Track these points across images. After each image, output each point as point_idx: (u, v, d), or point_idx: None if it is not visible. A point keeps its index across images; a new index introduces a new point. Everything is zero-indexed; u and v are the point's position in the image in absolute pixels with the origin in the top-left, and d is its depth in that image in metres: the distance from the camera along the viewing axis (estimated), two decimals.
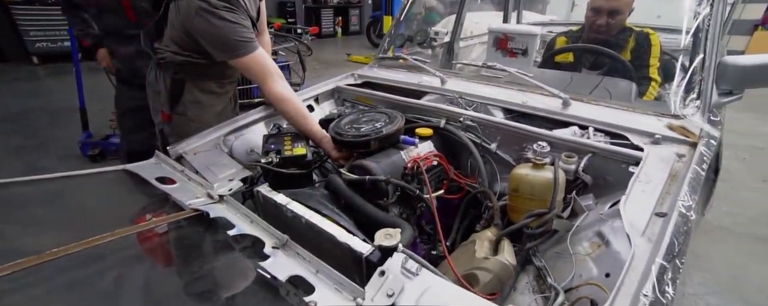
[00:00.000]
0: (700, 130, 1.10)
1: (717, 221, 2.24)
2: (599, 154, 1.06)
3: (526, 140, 1.18)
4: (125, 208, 1.09)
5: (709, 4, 1.19)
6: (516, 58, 2.50)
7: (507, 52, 2.58)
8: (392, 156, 1.16)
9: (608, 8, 1.56)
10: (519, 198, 1.02)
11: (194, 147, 1.23)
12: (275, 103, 1.28)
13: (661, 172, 0.95)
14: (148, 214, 1.08)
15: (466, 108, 1.39)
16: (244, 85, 2.94)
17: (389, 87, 1.67)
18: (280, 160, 1.16)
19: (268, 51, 1.58)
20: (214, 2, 1.14)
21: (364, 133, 1.19)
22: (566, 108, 1.24)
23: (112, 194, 1.12)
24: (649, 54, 1.64)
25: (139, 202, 1.06)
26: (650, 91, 1.59)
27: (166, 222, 0.87)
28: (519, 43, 2.45)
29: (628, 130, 1.12)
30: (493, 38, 2.61)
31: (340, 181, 1.06)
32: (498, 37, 2.58)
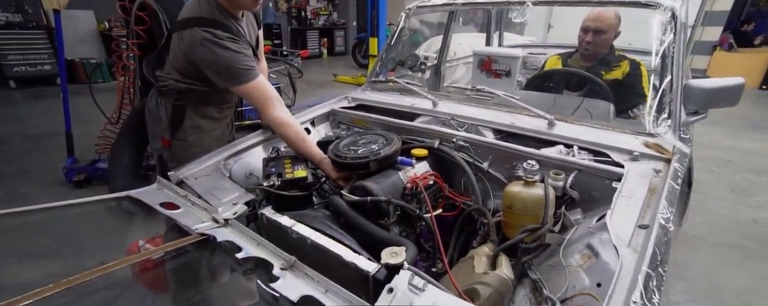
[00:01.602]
0: (673, 147, 1.19)
1: (693, 231, 2.36)
2: (584, 171, 1.14)
3: (515, 159, 1.26)
4: (132, 235, 1.09)
5: (672, 32, 1.32)
6: (500, 79, 2.63)
7: (491, 73, 2.72)
8: (391, 177, 1.21)
9: (594, 28, 1.76)
10: (513, 214, 1.08)
11: (195, 172, 1.25)
12: (275, 127, 1.32)
13: (641, 187, 1.03)
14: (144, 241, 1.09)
15: (458, 129, 1.47)
16: (237, 108, 2.96)
17: (383, 109, 1.74)
18: (282, 182, 1.20)
19: (266, 77, 1.63)
20: (219, 33, 1.19)
21: (363, 155, 1.24)
22: (552, 128, 1.33)
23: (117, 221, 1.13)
24: (641, 81, 1.79)
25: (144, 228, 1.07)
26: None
27: (174, 247, 0.88)
28: (502, 65, 2.59)
29: (609, 148, 1.21)
30: (477, 60, 2.75)
31: (342, 202, 1.10)
32: (482, 59, 2.72)
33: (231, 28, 1.25)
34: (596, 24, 1.74)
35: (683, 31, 1.35)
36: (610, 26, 1.74)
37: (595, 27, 1.75)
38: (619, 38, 1.82)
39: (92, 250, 1.22)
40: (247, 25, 1.41)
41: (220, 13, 1.25)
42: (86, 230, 1.21)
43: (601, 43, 1.79)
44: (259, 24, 1.51)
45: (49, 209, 1.00)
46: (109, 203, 1.10)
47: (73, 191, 2.62)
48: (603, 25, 1.74)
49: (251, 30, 1.43)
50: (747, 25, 7.24)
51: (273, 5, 9.66)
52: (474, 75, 2.82)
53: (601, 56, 1.84)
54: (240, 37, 1.26)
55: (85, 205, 1.02)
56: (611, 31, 1.76)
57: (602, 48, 1.82)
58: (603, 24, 1.74)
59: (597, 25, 1.74)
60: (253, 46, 1.41)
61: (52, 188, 2.70)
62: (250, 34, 1.42)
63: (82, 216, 1.14)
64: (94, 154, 2.86)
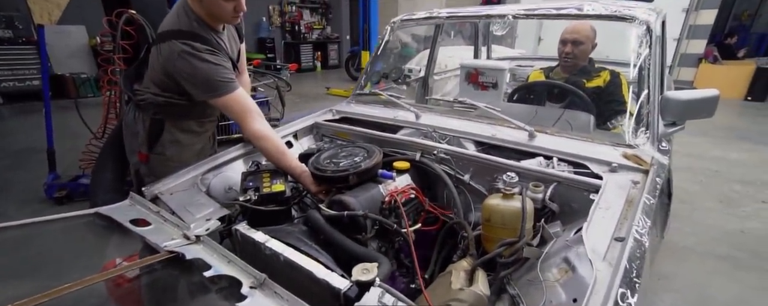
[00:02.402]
0: (651, 158, 1.20)
1: (682, 242, 2.35)
2: (563, 183, 1.13)
3: (496, 171, 1.25)
4: (97, 253, 1.06)
5: (648, 46, 1.34)
6: (487, 91, 2.66)
7: (478, 85, 2.74)
8: (371, 190, 1.20)
9: (572, 39, 1.85)
10: (491, 228, 1.07)
11: (171, 187, 1.23)
12: (254, 140, 1.30)
13: (618, 198, 1.02)
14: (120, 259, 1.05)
15: (440, 141, 1.46)
16: (223, 122, 2.95)
17: (366, 122, 1.73)
18: (259, 197, 1.17)
19: (247, 90, 1.63)
20: (197, 45, 1.19)
21: (343, 168, 1.23)
22: (532, 140, 1.33)
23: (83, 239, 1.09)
24: (621, 89, 1.82)
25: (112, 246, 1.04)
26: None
27: (140, 266, 0.86)
28: (489, 77, 2.61)
29: (588, 159, 1.21)
30: (464, 73, 2.77)
31: (318, 217, 1.08)
32: (469, 71, 2.75)
33: (210, 40, 1.25)
34: (574, 35, 1.82)
35: (658, 43, 1.37)
36: (587, 37, 1.81)
37: (573, 38, 1.82)
38: (598, 51, 1.85)
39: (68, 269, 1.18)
40: (229, 38, 1.41)
41: (200, 26, 1.25)
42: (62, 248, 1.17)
43: (579, 54, 1.85)
44: (241, 38, 1.52)
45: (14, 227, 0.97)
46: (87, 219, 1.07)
47: (52, 208, 2.56)
48: (580, 37, 1.81)
49: (233, 43, 1.43)
50: (730, 38, 7.43)
51: (267, 19, 9.77)
52: (461, 87, 2.84)
53: (580, 67, 1.87)
54: (219, 49, 1.26)
55: (50, 222, 0.99)
56: (588, 42, 1.83)
57: (581, 59, 1.87)
58: (580, 35, 1.81)
59: (574, 36, 1.82)
60: (234, 59, 1.41)
61: (32, 205, 2.64)
62: (232, 48, 1.42)
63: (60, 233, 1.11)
64: (78, 170, 2.81)
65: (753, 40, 8.75)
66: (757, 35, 8.96)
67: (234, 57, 1.40)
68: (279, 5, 10.05)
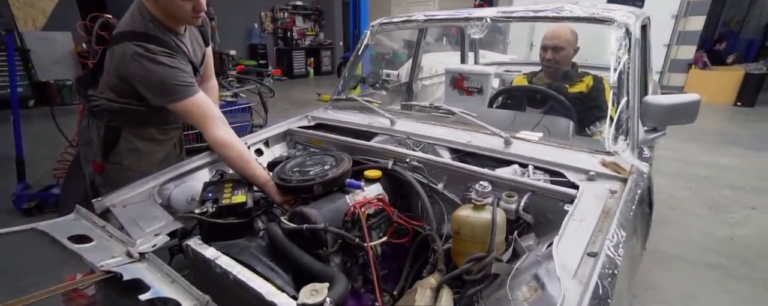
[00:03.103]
0: (630, 165, 1.14)
1: (671, 250, 2.30)
2: (538, 193, 1.07)
3: (470, 180, 1.19)
4: (28, 274, 0.98)
5: (627, 50, 1.29)
6: (472, 97, 2.61)
7: (463, 91, 2.70)
8: (337, 201, 1.13)
9: (552, 45, 1.80)
10: (461, 241, 1.01)
11: (125, 198, 1.15)
12: (216, 148, 1.24)
13: (594, 209, 0.96)
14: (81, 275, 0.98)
15: (414, 148, 1.40)
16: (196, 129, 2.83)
17: (342, 128, 1.67)
18: (217, 209, 1.11)
19: (215, 96, 1.56)
20: (151, 47, 1.13)
21: (308, 178, 1.16)
22: (508, 147, 1.27)
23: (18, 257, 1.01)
24: (604, 94, 1.77)
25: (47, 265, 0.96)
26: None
27: (71, 288, 0.78)
28: (474, 82, 2.57)
29: (565, 167, 1.15)
30: (449, 78, 2.73)
31: (277, 231, 1.01)
32: (454, 76, 2.70)
33: (167, 42, 1.18)
34: (553, 41, 1.78)
35: (638, 46, 1.32)
36: (568, 42, 1.77)
37: (553, 44, 1.79)
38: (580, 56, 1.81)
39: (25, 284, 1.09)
40: (192, 41, 1.35)
41: (156, 27, 1.18)
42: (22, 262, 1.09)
43: (561, 59, 1.81)
44: (207, 41, 1.46)
45: None
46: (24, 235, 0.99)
47: (19, 219, 2.46)
48: (560, 42, 1.77)
49: (196, 46, 1.37)
50: (719, 44, 7.49)
51: (258, 26, 9.74)
52: (446, 93, 2.80)
53: (563, 72, 1.83)
54: (178, 52, 1.20)
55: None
56: (569, 47, 1.78)
57: (563, 64, 1.83)
58: (560, 40, 1.77)
59: (554, 42, 1.78)
60: (197, 63, 1.34)
61: None
62: (195, 51, 1.35)
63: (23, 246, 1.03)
64: (52, 179, 2.72)
65: (742, 46, 8.84)
66: (745, 41, 9.05)
67: (197, 60, 1.34)
68: (271, 11, 10.03)
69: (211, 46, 1.48)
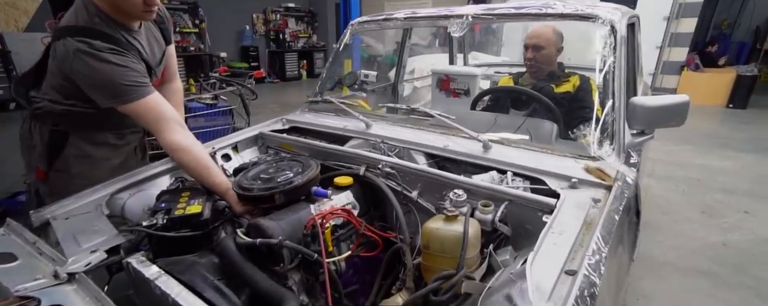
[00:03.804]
0: (616, 171, 1.07)
1: (663, 256, 2.23)
2: (515, 202, 0.99)
3: (445, 187, 1.11)
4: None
5: (612, 48, 1.22)
6: (459, 98, 2.53)
7: (450, 92, 2.62)
8: (299, 211, 1.04)
9: (532, 44, 1.76)
10: (430, 256, 0.92)
11: (69, 210, 1.06)
12: (171, 153, 1.15)
13: (575, 220, 0.88)
14: None
15: (389, 153, 1.32)
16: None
17: (316, 132, 1.59)
18: (168, 221, 1.01)
19: (179, 98, 1.46)
20: (96, 43, 1.03)
21: (270, 186, 1.08)
22: (487, 151, 1.19)
23: None
24: (592, 95, 1.70)
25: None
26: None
27: None
28: (461, 84, 2.49)
29: (545, 173, 1.07)
30: (436, 79, 2.65)
31: (229, 246, 0.92)
32: (441, 78, 2.63)
33: (116, 39, 1.09)
34: (533, 41, 1.74)
35: (624, 44, 1.25)
36: (549, 41, 1.71)
37: (533, 43, 1.74)
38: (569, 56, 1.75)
39: None
40: (149, 39, 1.26)
41: (103, 22, 1.09)
42: None
43: (543, 59, 1.75)
44: (168, 39, 1.36)
45: None
46: None
47: None
48: (541, 41, 1.72)
49: (155, 45, 1.28)
50: (711, 46, 7.49)
51: (250, 27, 9.63)
52: (433, 95, 2.72)
53: (547, 72, 1.77)
54: (128, 49, 1.10)
55: None
56: (551, 46, 1.72)
57: (546, 64, 1.77)
58: (540, 40, 1.72)
59: (535, 41, 1.73)
60: (154, 62, 1.25)
61: None
62: (152, 50, 1.26)
63: None
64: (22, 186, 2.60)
65: (733, 48, 8.87)
66: (737, 44, 9.08)
67: (154, 60, 1.25)
68: (263, 13, 9.93)
69: (173, 45, 1.39)
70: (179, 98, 1.44)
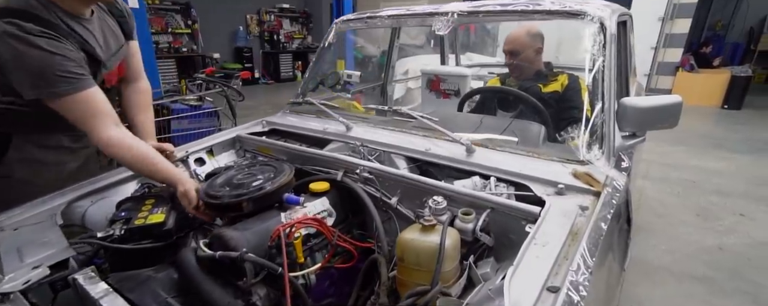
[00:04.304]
0: (605, 177, 1.01)
1: (658, 261, 2.17)
2: (498, 210, 0.93)
3: (426, 194, 1.04)
4: None
5: (602, 46, 1.16)
6: (449, 99, 2.47)
7: (440, 93, 2.56)
8: (268, 220, 0.98)
9: (508, 50, 1.73)
10: (405, 269, 0.86)
11: (19, 220, 0.98)
12: (106, 149, 1.04)
13: (560, 230, 0.82)
14: None
15: (369, 157, 1.26)
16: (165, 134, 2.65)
17: (296, 135, 1.52)
18: (127, 231, 0.94)
19: (147, 98, 1.37)
20: (27, 26, 0.91)
21: (238, 193, 1.01)
22: (470, 155, 1.13)
23: None
24: (581, 94, 1.66)
25: None
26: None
27: None
28: (451, 85, 2.44)
29: (531, 179, 1.01)
30: (426, 80, 2.59)
31: (189, 259, 0.85)
32: (430, 78, 2.57)
33: (54, 24, 0.97)
34: (509, 47, 1.72)
35: (614, 42, 1.19)
36: (524, 45, 1.69)
37: (509, 49, 1.73)
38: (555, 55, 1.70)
39: None
40: (104, 30, 1.15)
41: (41, 5, 0.97)
42: None
43: (521, 63, 1.73)
44: (128, 34, 1.26)
45: None
46: None
47: None
48: (515, 46, 1.70)
49: (110, 38, 1.17)
50: (705, 47, 7.50)
51: (244, 28, 9.55)
52: (423, 95, 2.66)
53: (534, 72, 1.73)
54: (66, 36, 0.98)
55: None
56: (527, 49, 1.70)
57: (527, 68, 1.74)
58: (515, 45, 1.70)
59: (509, 47, 1.72)
60: (104, 56, 1.13)
61: None
62: (107, 43, 1.16)
63: None
64: None
65: (727, 49, 8.88)
66: (731, 45, 9.10)
67: (106, 54, 1.14)
68: (257, 14, 9.86)
69: (136, 42, 1.31)
70: (146, 100, 1.35)
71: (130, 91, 1.32)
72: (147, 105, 1.34)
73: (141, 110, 1.32)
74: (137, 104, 1.32)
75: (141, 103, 1.32)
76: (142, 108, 1.32)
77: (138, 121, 1.31)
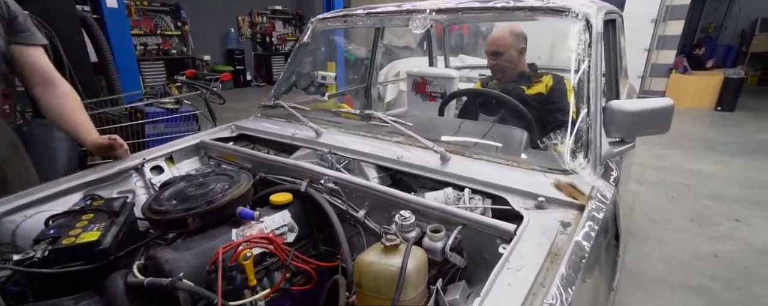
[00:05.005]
0: (591, 187, 0.91)
1: (652, 270, 2.09)
2: (470, 226, 0.83)
3: (395, 207, 0.94)
4: None
5: (587, 45, 1.07)
6: (435, 102, 2.37)
7: (426, 95, 2.47)
8: (215, 238, 0.87)
9: (490, 51, 1.65)
10: (363, 296, 0.76)
11: None
12: None
13: (538, 251, 0.72)
14: None
15: (337, 165, 1.16)
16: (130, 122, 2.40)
17: (265, 140, 1.42)
18: (52, 253, 0.83)
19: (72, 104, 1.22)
20: None
21: (186, 207, 0.91)
22: (445, 164, 1.03)
23: None
24: (567, 96, 1.57)
25: None
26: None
27: None
28: (437, 87, 2.34)
29: (509, 190, 0.91)
30: (411, 82, 2.49)
31: (116, 286, 0.75)
32: (416, 80, 2.47)
33: None
34: (491, 48, 1.65)
35: (601, 41, 1.10)
36: (506, 46, 1.61)
37: (491, 50, 1.65)
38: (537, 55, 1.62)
39: None
40: None
41: None
42: None
43: (504, 64, 1.65)
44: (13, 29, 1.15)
45: None
46: None
47: None
48: (498, 47, 1.62)
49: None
50: (698, 49, 7.49)
51: (236, 30, 9.44)
52: (409, 98, 2.57)
53: (517, 74, 1.64)
54: None
55: None
56: (509, 50, 1.62)
57: (510, 69, 1.66)
58: (497, 46, 1.63)
59: (492, 48, 1.64)
60: None
61: None
62: None
63: None
64: None
65: (720, 51, 8.89)
66: (723, 47, 9.11)
67: None
68: (249, 16, 9.75)
69: (38, 49, 1.20)
70: (71, 103, 1.22)
71: (50, 98, 1.20)
72: (73, 109, 1.22)
73: (72, 111, 1.22)
74: (62, 107, 1.22)
75: (66, 106, 1.21)
76: (72, 109, 1.21)
77: (72, 121, 1.21)
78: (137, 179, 1.23)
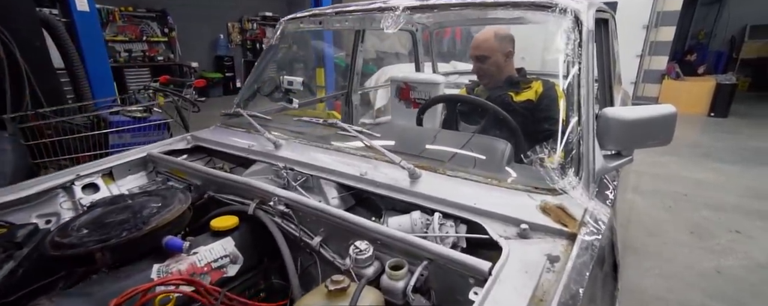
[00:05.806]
0: (583, 210, 0.77)
1: (652, 289, 1.94)
2: (437, 262, 0.68)
3: (353, 235, 0.79)
4: None
5: (577, 44, 0.94)
6: None
7: (410, 102, 2.33)
8: (128, 279, 0.72)
9: (476, 55, 1.52)
10: None
11: None
12: None
13: (518, 296, 0.58)
14: None
15: (294, 183, 1.01)
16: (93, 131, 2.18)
17: (220, 153, 1.27)
18: None
19: None
20: None
21: (97, 239, 0.75)
22: (414, 182, 0.89)
23: None
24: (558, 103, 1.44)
25: None
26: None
27: None
28: (422, 93, 2.21)
29: (486, 215, 0.77)
30: (395, 88, 2.36)
31: None
32: (400, 86, 2.34)
33: None
34: (476, 52, 1.51)
35: (592, 40, 0.97)
36: (491, 49, 1.48)
37: (476, 55, 1.51)
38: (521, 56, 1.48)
39: None
40: None
41: None
42: None
43: (489, 68, 1.51)
44: None
45: None
46: None
47: None
48: (483, 51, 1.49)
49: None
50: (690, 55, 7.48)
51: (225, 37, 9.30)
52: (392, 105, 2.43)
53: (504, 79, 1.51)
54: None
55: None
56: (494, 54, 1.48)
57: (497, 74, 1.52)
58: (481, 49, 1.49)
59: (477, 52, 1.51)
60: None
61: None
62: None
63: None
64: None
65: (711, 57, 8.91)
66: (714, 53, 9.14)
67: None
68: (239, 22, 9.63)
69: None
70: None
71: None
72: None
73: None
74: None
75: None
76: None
77: None
78: (64, 199, 1.07)
